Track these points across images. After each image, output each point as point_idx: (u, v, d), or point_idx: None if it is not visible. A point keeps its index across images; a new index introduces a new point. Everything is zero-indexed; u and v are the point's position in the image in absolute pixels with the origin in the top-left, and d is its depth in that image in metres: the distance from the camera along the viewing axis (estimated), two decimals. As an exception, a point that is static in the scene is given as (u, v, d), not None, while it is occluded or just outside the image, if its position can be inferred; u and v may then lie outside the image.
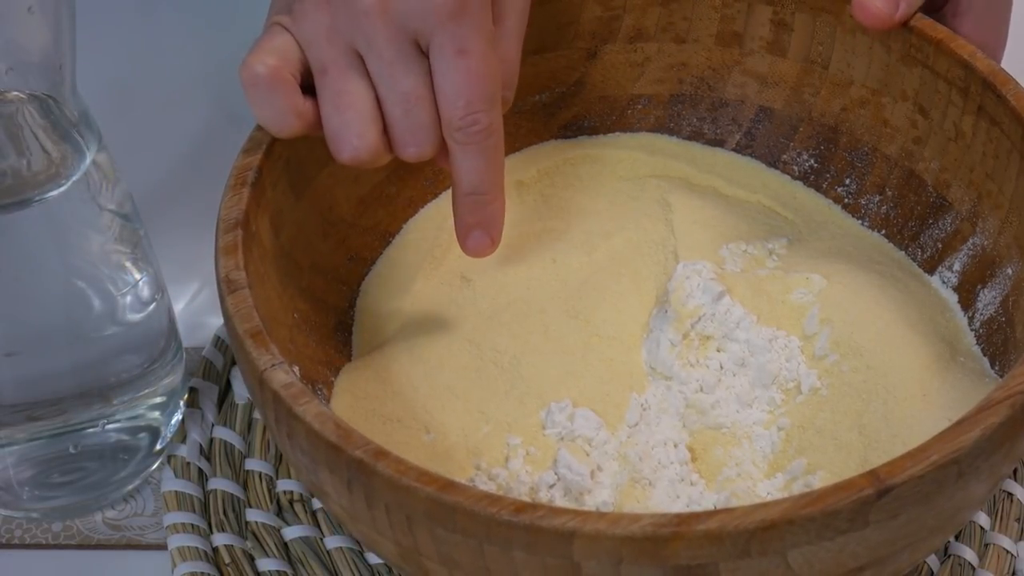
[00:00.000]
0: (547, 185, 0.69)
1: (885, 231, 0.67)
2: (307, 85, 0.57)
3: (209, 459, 0.65)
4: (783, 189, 0.69)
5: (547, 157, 0.70)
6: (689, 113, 0.71)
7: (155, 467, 0.65)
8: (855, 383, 0.58)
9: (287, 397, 0.50)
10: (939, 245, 0.64)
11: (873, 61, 0.66)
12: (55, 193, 0.57)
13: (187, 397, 0.66)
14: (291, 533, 0.62)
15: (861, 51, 0.66)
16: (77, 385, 0.61)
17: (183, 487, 0.63)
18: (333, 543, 0.62)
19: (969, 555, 0.61)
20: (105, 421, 0.62)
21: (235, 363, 0.68)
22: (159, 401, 0.64)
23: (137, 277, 0.61)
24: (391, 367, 0.60)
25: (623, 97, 0.71)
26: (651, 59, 0.70)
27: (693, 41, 0.70)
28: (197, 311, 0.72)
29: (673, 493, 0.57)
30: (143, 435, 0.64)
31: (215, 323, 0.70)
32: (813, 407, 0.59)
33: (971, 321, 0.62)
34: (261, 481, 0.64)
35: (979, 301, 0.62)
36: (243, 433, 0.66)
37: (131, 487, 0.64)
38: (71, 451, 0.62)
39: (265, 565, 0.61)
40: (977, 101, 0.61)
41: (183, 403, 0.66)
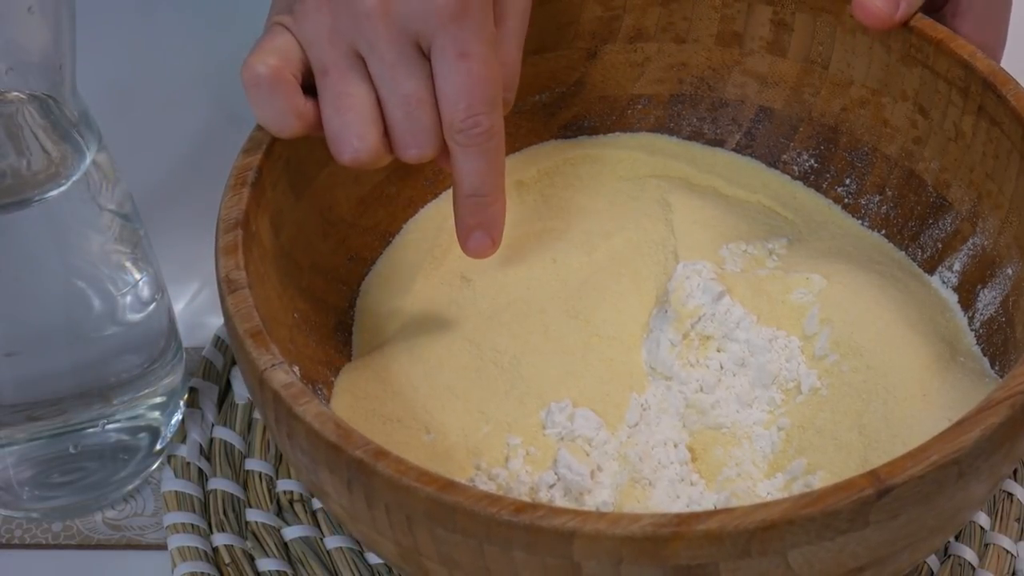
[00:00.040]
0: (547, 185, 0.69)
1: (885, 231, 0.67)
2: (308, 85, 0.57)
3: (209, 459, 0.65)
4: (783, 189, 0.69)
5: (547, 157, 0.70)
6: (689, 113, 0.71)
7: (155, 467, 0.65)
8: (855, 383, 0.58)
9: (287, 397, 0.50)
10: (939, 245, 0.64)
11: (873, 61, 0.66)
12: (55, 193, 0.57)
13: (187, 397, 0.66)
14: (291, 533, 0.62)
15: (861, 51, 0.66)
16: (77, 385, 0.60)
17: (183, 487, 0.63)
18: (333, 543, 0.62)
19: (969, 555, 0.61)
20: (105, 421, 0.62)
21: (235, 363, 0.68)
22: (159, 401, 0.64)
23: (137, 277, 0.61)
24: (391, 367, 0.60)
25: (623, 97, 0.71)
26: (651, 59, 0.70)
27: (693, 41, 0.69)
28: (197, 311, 0.72)
29: (673, 493, 0.57)
30: (143, 435, 0.64)
31: (215, 323, 0.70)
32: (813, 407, 0.59)
33: (971, 321, 0.62)
34: (261, 481, 0.64)
35: (979, 301, 0.62)
36: (243, 433, 0.66)
37: (131, 487, 0.64)
38: (71, 451, 0.62)
39: (265, 565, 0.61)
40: (977, 101, 0.61)
41: (183, 403, 0.66)
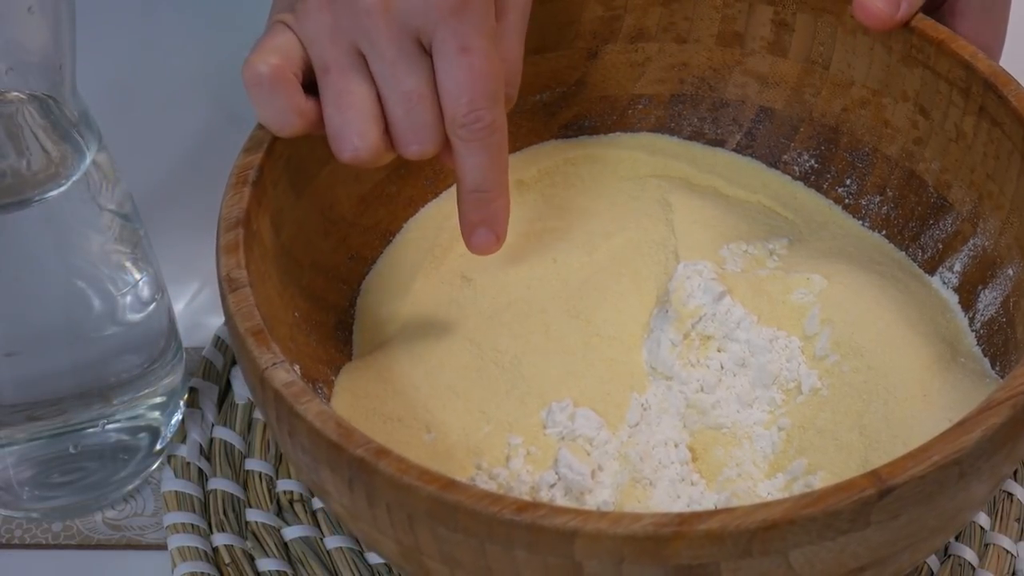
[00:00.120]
0: (548, 185, 0.69)
1: (886, 231, 0.67)
2: (309, 84, 0.57)
3: (209, 459, 0.65)
4: (784, 189, 0.69)
5: (548, 157, 0.70)
6: (690, 113, 0.71)
7: (155, 467, 0.65)
8: (856, 383, 0.58)
9: (288, 396, 0.50)
10: (940, 246, 0.64)
11: (874, 61, 0.66)
12: (55, 193, 0.57)
13: (187, 397, 0.66)
14: (291, 533, 0.62)
15: (862, 51, 0.66)
16: (77, 385, 0.60)
17: (183, 487, 0.63)
18: (333, 543, 0.62)
19: (969, 555, 0.61)
20: (105, 421, 0.62)
21: (235, 363, 0.68)
22: (159, 401, 0.64)
23: (137, 277, 0.61)
24: (392, 366, 0.60)
25: (624, 97, 0.71)
26: (652, 59, 0.70)
27: (694, 41, 0.69)
28: (197, 311, 0.72)
29: (674, 493, 0.57)
30: (143, 435, 0.64)
31: (215, 323, 0.70)
32: (814, 407, 0.59)
33: (972, 322, 0.62)
34: (261, 481, 0.64)
35: (980, 302, 0.62)
36: (243, 433, 0.66)
37: (131, 487, 0.64)
38: (71, 451, 0.62)
39: (265, 565, 0.61)
40: (978, 102, 0.61)
41: (183, 403, 0.66)
